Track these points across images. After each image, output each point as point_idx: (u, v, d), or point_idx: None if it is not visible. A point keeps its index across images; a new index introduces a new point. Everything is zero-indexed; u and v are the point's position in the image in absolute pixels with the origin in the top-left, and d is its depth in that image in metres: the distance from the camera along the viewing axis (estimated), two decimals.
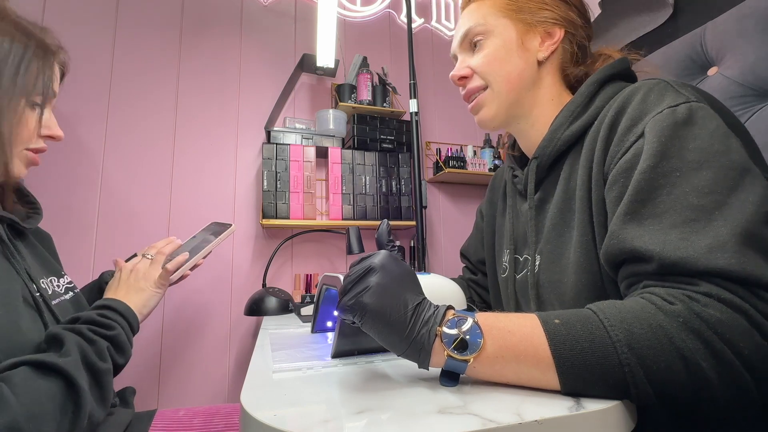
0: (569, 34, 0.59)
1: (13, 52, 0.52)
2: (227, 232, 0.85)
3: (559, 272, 0.53)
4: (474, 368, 0.37)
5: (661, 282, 0.38)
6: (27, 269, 0.55)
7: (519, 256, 0.64)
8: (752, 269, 0.34)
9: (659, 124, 0.42)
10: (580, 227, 0.51)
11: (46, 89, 0.57)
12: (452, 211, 1.70)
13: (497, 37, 0.59)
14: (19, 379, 0.41)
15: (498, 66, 0.59)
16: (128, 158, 1.27)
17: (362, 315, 0.37)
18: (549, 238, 0.56)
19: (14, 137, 0.53)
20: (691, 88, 0.47)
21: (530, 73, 0.59)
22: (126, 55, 1.31)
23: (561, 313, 0.38)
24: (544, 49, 0.59)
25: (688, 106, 0.43)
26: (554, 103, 0.60)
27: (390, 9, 1.71)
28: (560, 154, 0.57)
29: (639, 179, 0.41)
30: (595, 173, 0.49)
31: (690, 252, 0.36)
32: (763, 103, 0.78)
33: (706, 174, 0.39)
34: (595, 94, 0.55)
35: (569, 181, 0.55)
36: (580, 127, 0.54)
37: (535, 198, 0.60)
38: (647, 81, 0.49)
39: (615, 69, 0.56)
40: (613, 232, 0.42)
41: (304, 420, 0.32)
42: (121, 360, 0.56)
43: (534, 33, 0.59)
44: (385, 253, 0.41)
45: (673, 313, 0.34)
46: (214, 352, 1.28)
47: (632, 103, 0.47)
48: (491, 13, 0.60)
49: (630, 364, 0.33)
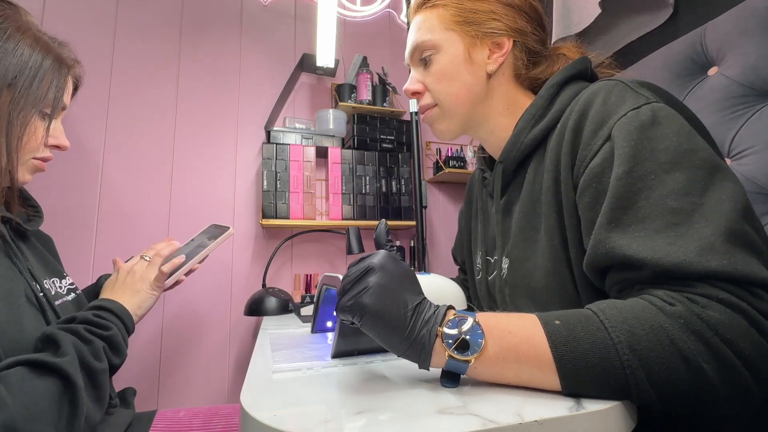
0: (519, 43, 0.58)
1: (30, 65, 0.54)
2: (224, 236, 0.85)
3: (528, 276, 0.53)
4: (475, 369, 0.37)
5: (658, 286, 0.38)
6: (30, 269, 0.55)
7: (490, 257, 0.65)
8: (743, 268, 0.34)
9: (626, 128, 0.42)
10: (548, 231, 0.51)
11: (57, 101, 0.58)
12: (452, 211, 1.69)
13: (445, 52, 0.58)
14: (15, 378, 0.41)
15: (447, 85, 0.59)
16: (128, 158, 1.27)
17: (362, 316, 0.37)
18: (516, 241, 0.56)
19: (22, 147, 0.55)
20: (647, 88, 0.47)
21: (479, 87, 0.58)
22: (126, 55, 1.31)
23: (561, 313, 0.37)
24: (492, 61, 0.58)
25: (650, 107, 0.43)
26: (510, 110, 0.60)
27: (390, 9, 1.71)
28: (524, 157, 0.57)
29: (617, 186, 0.41)
30: (564, 177, 0.49)
31: (681, 257, 0.36)
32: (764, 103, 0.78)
33: (679, 176, 0.39)
34: (555, 95, 0.55)
35: (534, 184, 0.55)
36: (542, 130, 0.54)
37: (501, 201, 0.61)
38: (605, 82, 0.49)
39: (575, 69, 0.56)
40: (599, 241, 0.41)
41: (304, 420, 0.32)
42: (117, 360, 0.56)
43: (482, 46, 0.58)
44: (384, 252, 0.41)
45: (674, 314, 0.34)
46: (214, 353, 1.28)
47: (593, 107, 0.47)
48: (438, 27, 0.59)
49: (631, 365, 0.33)
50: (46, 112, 0.58)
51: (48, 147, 0.60)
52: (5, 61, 0.52)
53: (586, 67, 0.57)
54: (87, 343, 0.51)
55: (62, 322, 0.54)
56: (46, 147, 0.60)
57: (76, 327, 0.52)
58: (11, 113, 0.52)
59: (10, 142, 0.53)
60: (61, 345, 0.47)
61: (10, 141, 0.52)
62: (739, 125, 0.79)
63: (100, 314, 0.57)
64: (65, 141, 0.63)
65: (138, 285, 0.70)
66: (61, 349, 0.47)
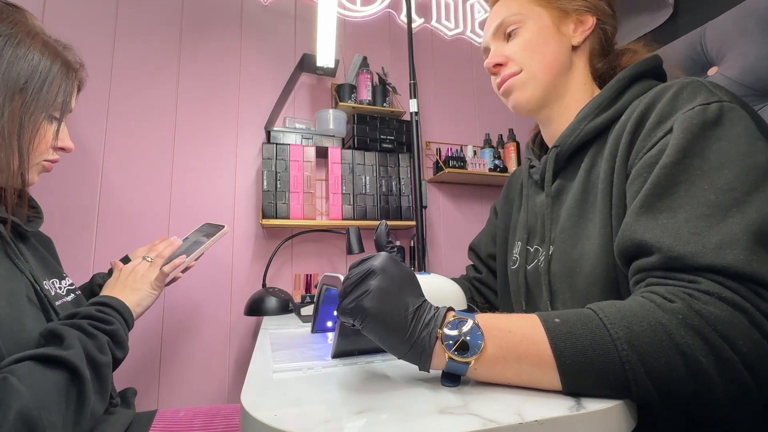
0: (600, 22, 0.60)
1: (40, 69, 0.55)
2: (220, 234, 0.85)
3: (573, 262, 0.53)
4: (475, 370, 0.37)
5: (664, 278, 0.38)
6: (31, 270, 0.55)
7: (530, 247, 0.64)
8: (759, 268, 0.34)
9: (688, 121, 0.42)
10: (601, 220, 0.50)
11: (65, 105, 0.60)
12: (452, 211, 1.69)
13: (533, 24, 0.60)
14: (25, 371, 0.42)
15: (534, 50, 0.60)
16: (128, 158, 1.27)
17: (363, 319, 0.37)
18: (564, 227, 0.56)
19: (32, 150, 0.56)
20: (725, 90, 0.46)
21: (565, 57, 0.60)
22: (126, 55, 1.31)
23: (560, 313, 0.38)
24: (578, 34, 0.60)
25: (720, 106, 0.42)
26: (586, 89, 0.61)
27: (390, 9, 1.71)
28: (582, 145, 0.57)
29: (659, 173, 0.41)
30: (618, 167, 0.48)
31: (698, 247, 0.35)
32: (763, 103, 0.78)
33: (728, 173, 0.38)
34: (624, 89, 0.55)
35: (590, 173, 0.55)
36: (605, 121, 0.54)
37: (552, 188, 0.60)
38: (681, 79, 0.48)
39: (647, 66, 0.56)
40: (627, 224, 0.42)
41: (304, 420, 0.32)
42: (120, 354, 0.57)
43: (568, 20, 0.60)
44: (385, 255, 0.41)
45: (672, 310, 0.34)
46: (214, 353, 1.28)
47: (663, 100, 0.46)
48: (525, 3, 0.61)
49: (630, 361, 0.33)
50: (54, 115, 0.59)
51: (55, 149, 0.61)
52: (17, 66, 0.53)
53: (658, 65, 0.57)
54: (91, 338, 0.52)
55: (64, 318, 0.54)
56: (53, 150, 0.61)
57: (79, 322, 0.52)
58: (23, 117, 0.53)
59: (22, 145, 0.54)
60: (66, 339, 0.48)
61: (21, 144, 0.54)
62: None
63: (102, 309, 0.58)
64: (70, 143, 0.64)
65: (139, 284, 0.71)
66: (66, 342, 0.47)
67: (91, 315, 0.55)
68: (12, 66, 0.52)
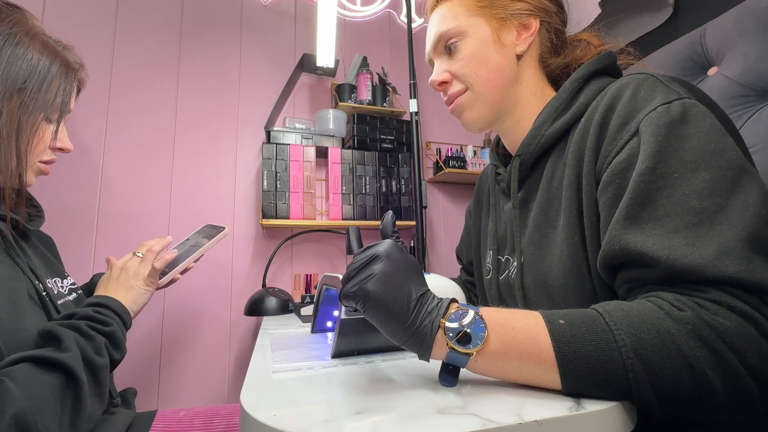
0: (545, 23, 0.58)
1: (39, 69, 0.55)
2: (220, 236, 0.85)
3: (544, 274, 0.52)
4: (476, 362, 0.36)
5: (668, 288, 0.37)
6: (33, 269, 0.55)
7: (501, 257, 0.63)
8: (761, 276, 0.34)
9: (654, 123, 0.41)
10: (567, 228, 0.49)
11: (64, 106, 0.60)
12: (452, 211, 1.69)
13: (472, 37, 0.57)
14: (21, 374, 0.42)
15: (477, 67, 0.57)
16: (128, 158, 1.27)
17: (365, 302, 0.36)
18: (532, 238, 0.55)
19: (30, 150, 0.56)
20: (679, 83, 0.46)
21: (510, 69, 0.57)
22: (126, 55, 1.31)
23: (566, 312, 0.37)
24: (521, 42, 0.57)
25: (681, 103, 0.42)
26: (537, 97, 0.58)
27: (390, 9, 1.71)
28: (544, 151, 0.56)
29: (637, 181, 0.40)
30: (586, 173, 0.47)
31: (697, 259, 0.35)
32: (764, 103, 0.78)
33: (704, 175, 0.38)
34: (579, 89, 0.54)
35: (552, 180, 0.54)
36: (564, 124, 0.53)
37: (518, 197, 0.59)
38: (635, 76, 0.47)
39: (600, 64, 0.55)
40: (613, 236, 0.41)
41: (304, 420, 0.32)
42: (118, 355, 0.56)
43: (509, 27, 0.57)
44: (390, 242, 0.40)
45: (682, 320, 0.33)
46: (214, 353, 1.28)
47: (622, 100, 0.45)
48: (462, 13, 0.57)
49: (635, 369, 0.33)
50: (53, 116, 0.58)
51: (53, 150, 0.61)
52: (16, 65, 0.53)
53: (611, 62, 0.55)
54: (89, 339, 0.51)
55: (61, 318, 0.54)
56: (51, 150, 0.61)
57: (77, 323, 0.52)
58: (21, 117, 0.53)
59: (20, 146, 0.53)
60: (63, 341, 0.47)
61: (19, 144, 0.53)
62: (739, 125, 0.79)
63: (99, 310, 0.58)
64: (69, 144, 0.64)
65: (131, 281, 0.70)
66: (63, 344, 0.47)
67: (88, 316, 0.55)
68: (11, 65, 0.52)
